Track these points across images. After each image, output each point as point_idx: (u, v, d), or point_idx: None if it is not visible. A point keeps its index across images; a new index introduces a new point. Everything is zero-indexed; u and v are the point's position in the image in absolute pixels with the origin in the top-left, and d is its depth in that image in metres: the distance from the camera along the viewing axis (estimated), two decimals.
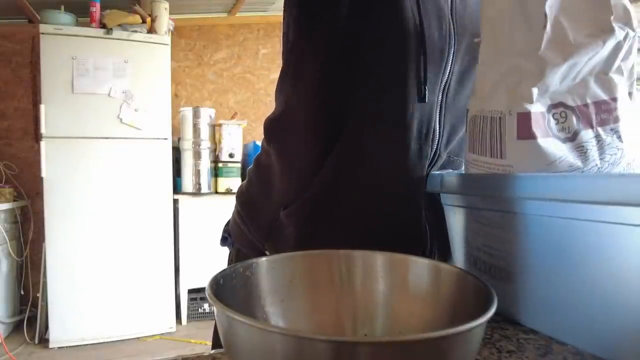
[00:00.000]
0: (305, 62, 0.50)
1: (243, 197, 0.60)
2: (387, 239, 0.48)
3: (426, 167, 0.51)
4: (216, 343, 0.60)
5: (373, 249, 0.45)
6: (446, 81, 0.50)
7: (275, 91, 0.55)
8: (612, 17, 0.37)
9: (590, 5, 0.38)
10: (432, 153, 0.51)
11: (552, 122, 0.39)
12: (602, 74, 0.39)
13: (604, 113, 0.39)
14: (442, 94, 0.50)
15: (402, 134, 0.48)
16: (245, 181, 0.62)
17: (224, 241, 0.64)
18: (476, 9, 0.51)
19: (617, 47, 0.38)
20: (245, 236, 0.58)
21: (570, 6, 0.38)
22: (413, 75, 0.47)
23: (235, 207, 0.61)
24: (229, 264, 0.63)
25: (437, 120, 0.50)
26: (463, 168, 0.57)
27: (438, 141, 0.51)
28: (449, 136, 0.52)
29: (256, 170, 0.59)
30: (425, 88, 0.47)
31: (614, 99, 0.39)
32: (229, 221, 0.65)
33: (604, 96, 0.39)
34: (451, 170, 0.55)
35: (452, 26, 0.50)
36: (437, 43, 0.48)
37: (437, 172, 0.50)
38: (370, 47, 0.47)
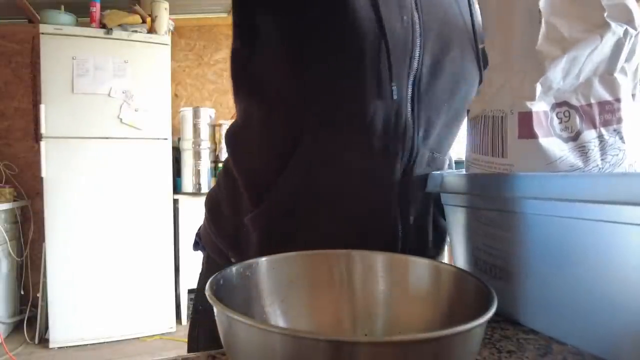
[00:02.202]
0: (258, 75, 0.49)
1: (210, 203, 0.59)
2: (354, 241, 0.46)
3: (398, 164, 0.48)
4: (193, 347, 0.60)
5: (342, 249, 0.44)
6: (415, 73, 0.47)
7: (234, 97, 0.54)
8: (605, 14, 0.37)
9: (581, 5, 0.38)
10: (408, 149, 0.48)
11: (555, 121, 0.39)
12: (607, 74, 0.39)
13: (608, 113, 0.39)
14: (413, 87, 0.47)
15: (362, 136, 0.46)
16: (214, 186, 0.60)
17: (196, 245, 0.63)
18: None
19: (619, 45, 0.38)
20: (214, 242, 0.56)
21: (562, 6, 0.39)
22: (372, 74, 0.45)
23: (205, 209, 0.61)
24: (201, 268, 0.62)
25: (409, 114, 0.48)
26: (446, 166, 0.56)
27: (413, 136, 0.48)
28: (425, 130, 0.50)
29: (224, 176, 0.57)
30: (392, 85, 0.45)
31: (618, 100, 0.39)
32: (202, 225, 0.64)
33: (607, 97, 0.39)
34: (451, 170, 0.55)
35: (416, 15, 0.47)
36: (400, 35, 0.45)
37: (437, 172, 0.50)
38: (323, 51, 0.45)
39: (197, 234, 0.63)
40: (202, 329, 0.58)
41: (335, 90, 0.46)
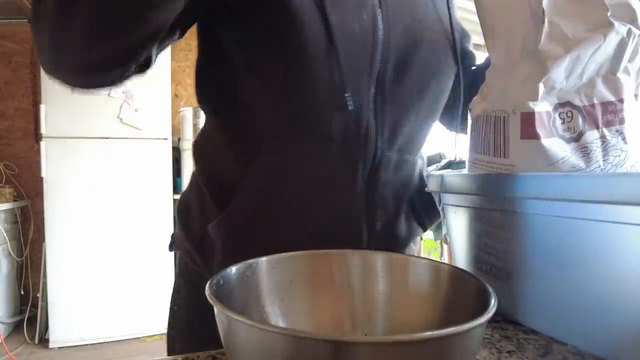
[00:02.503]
0: (217, 85, 0.50)
1: (181, 205, 0.58)
2: (319, 247, 0.44)
3: (360, 171, 0.47)
4: (170, 348, 0.59)
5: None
6: (378, 74, 0.45)
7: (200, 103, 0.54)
8: (608, 13, 0.37)
9: (584, 4, 0.38)
10: (371, 156, 0.46)
11: (558, 121, 0.39)
12: (610, 74, 0.39)
13: (610, 114, 0.39)
14: (376, 88, 0.45)
15: (319, 145, 0.45)
16: (186, 188, 0.59)
17: (170, 247, 0.62)
18: None
19: (622, 44, 0.38)
20: (183, 244, 0.55)
21: (565, 6, 0.38)
22: (323, 84, 0.43)
23: (176, 213, 0.60)
24: (176, 275, 0.62)
25: (372, 118, 0.45)
26: (417, 168, 0.54)
27: (376, 141, 0.46)
28: (391, 132, 0.47)
29: (194, 180, 0.56)
30: (346, 95, 0.42)
31: (621, 100, 0.39)
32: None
33: (610, 97, 0.39)
34: (452, 170, 0.55)
35: (378, 11, 0.44)
36: (358, 37, 0.43)
37: (438, 172, 0.50)
38: (273, 62, 0.44)
39: (172, 235, 0.62)
40: (177, 329, 0.58)
41: (289, 101, 0.44)
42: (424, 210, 0.56)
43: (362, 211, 0.48)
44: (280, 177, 0.46)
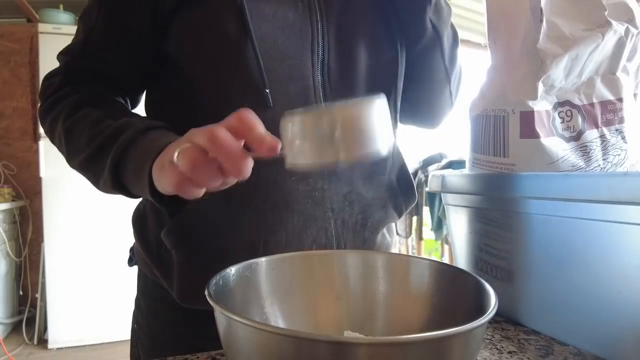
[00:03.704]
0: (151, 110, 0.50)
1: (136, 215, 0.54)
2: (280, 248, 0.43)
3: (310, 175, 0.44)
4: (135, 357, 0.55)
5: None
6: (322, 60, 0.44)
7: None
8: (606, 13, 0.37)
9: (583, 4, 0.38)
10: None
11: (557, 120, 0.39)
12: (609, 74, 0.39)
13: (610, 113, 0.39)
14: (321, 74, 0.44)
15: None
16: (141, 199, 0.55)
17: (130, 261, 0.58)
18: None
19: (620, 44, 0.38)
20: (140, 255, 0.52)
21: (563, 5, 0.39)
22: (252, 79, 0.42)
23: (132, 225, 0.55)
24: (137, 288, 0.58)
25: (322, 103, 0.44)
26: (390, 163, 0.50)
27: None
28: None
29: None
30: (267, 92, 0.41)
31: (620, 100, 0.39)
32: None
33: (610, 96, 0.39)
34: (453, 169, 0.55)
35: (314, 1, 0.44)
36: (295, 23, 0.43)
37: (438, 173, 0.50)
38: (192, 63, 0.43)
39: (131, 249, 0.57)
40: (142, 346, 0.54)
41: (213, 97, 0.43)
42: (403, 195, 0.53)
43: (327, 209, 0.46)
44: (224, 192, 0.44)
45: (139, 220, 0.53)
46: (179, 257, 0.45)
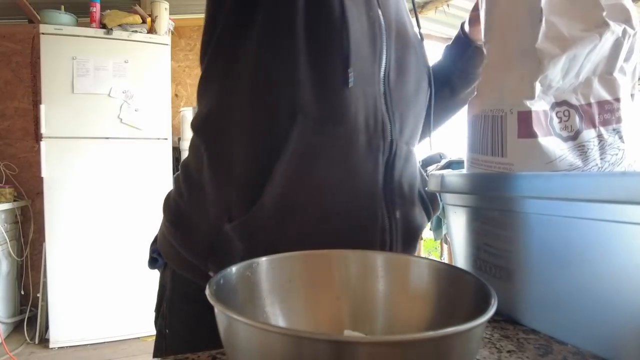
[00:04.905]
0: (236, 62, 0.47)
1: (172, 212, 0.52)
2: (346, 238, 0.46)
3: (381, 159, 0.49)
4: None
5: (331, 247, 0.42)
6: (384, 71, 0.49)
7: (198, 94, 0.52)
8: (604, 14, 0.37)
9: (581, 4, 0.38)
10: (388, 144, 0.49)
11: (555, 120, 0.39)
12: (606, 74, 0.39)
13: (607, 113, 0.39)
14: (383, 84, 0.49)
15: (347, 129, 0.47)
16: (172, 191, 0.54)
17: (154, 263, 0.56)
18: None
19: (618, 44, 0.38)
20: (181, 257, 0.50)
21: (562, 5, 0.39)
22: (350, 67, 0.46)
23: (163, 222, 0.54)
24: (160, 290, 0.55)
25: (384, 110, 0.49)
26: (419, 160, 0.57)
27: (391, 131, 0.49)
28: (400, 124, 0.51)
29: (186, 179, 0.52)
30: (348, 71, 0.46)
31: (617, 100, 0.39)
32: (156, 237, 0.57)
33: (607, 96, 0.39)
34: (453, 168, 0.55)
35: (379, 14, 0.49)
36: (367, 31, 0.47)
37: (438, 172, 0.50)
38: (298, 42, 0.45)
39: (154, 250, 0.56)
40: (173, 348, 0.52)
41: (315, 75, 0.46)
42: (431, 201, 0.58)
43: (382, 199, 0.49)
44: (308, 165, 0.46)
45: (179, 219, 0.51)
46: (248, 246, 0.45)
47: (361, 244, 0.44)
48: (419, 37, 0.58)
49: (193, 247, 0.49)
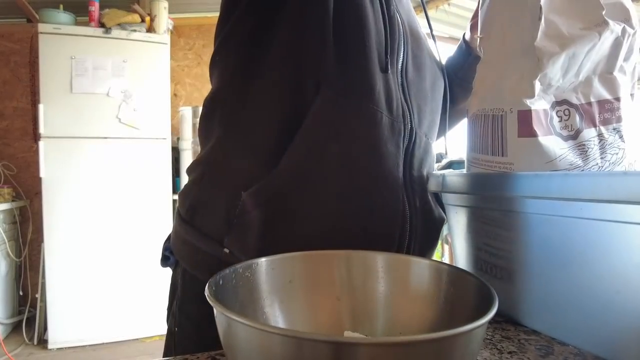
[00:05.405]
0: (264, 31, 0.48)
1: (188, 200, 0.53)
2: (364, 216, 0.46)
3: (402, 144, 0.49)
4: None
5: (351, 228, 0.45)
6: (402, 64, 0.51)
7: (210, 67, 0.53)
8: (603, 12, 0.37)
9: (580, 3, 0.38)
10: (408, 131, 0.50)
11: (555, 119, 0.39)
12: (606, 73, 0.39)
13: (607, 112, 0.39)
14: (401, 76, 0.51)
15: (371, 106, 0.47)
16: (187, 184, 0.55)
17: (165, 261, 0.57)
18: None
19: (617, 44, 0.38)
20: (194, 249, 0.50)
21: (561, 3, 0.39)
22: (374, 46, 0.47)
23: (177, 217, 0.55)
24: (172, 289, 0.56)
25: (403, 98, 0.50)
26: (435, 153, 0.58)
27: (410, 118, 0.50)
28: (418, 114, 0.52)
29: (199, 169, 0.53)
30: (387, 58, 0.48)
31: (618, 99, 0.39)
32: (169, 236, 0.58)
33: (607, 95, 0.39)
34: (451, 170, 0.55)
35: (397, 12, 0.52)
36: (386, 25, 0.49)
37: (439, 172, 0.50)
38: (328, 15, 0.46)
39: (167, 248, 0.56)
40: (184, 349, 0.51)
41: (343, 50, 0.47)
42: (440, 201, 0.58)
43: (402, 185, 0.49)
44: (329, 137, 0.46)
45: (196, 202, 0.52)
46: (265, 215, 0.45)
47: (381, 230, 0.46)
48: (432, 38, 0.60)
49: (209, 226, 0.49)
